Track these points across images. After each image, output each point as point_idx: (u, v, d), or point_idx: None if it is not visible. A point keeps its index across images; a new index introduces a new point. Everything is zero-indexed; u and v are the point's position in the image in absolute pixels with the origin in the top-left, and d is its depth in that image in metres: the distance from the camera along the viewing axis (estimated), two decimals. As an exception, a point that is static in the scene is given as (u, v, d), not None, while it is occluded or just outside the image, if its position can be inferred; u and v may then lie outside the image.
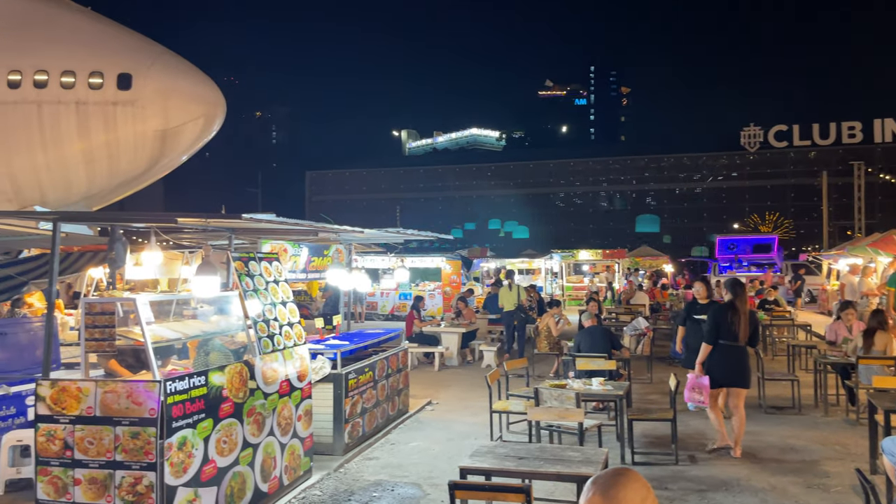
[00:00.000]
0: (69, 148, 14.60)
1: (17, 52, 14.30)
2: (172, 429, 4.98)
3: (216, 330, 6.37)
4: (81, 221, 6.39)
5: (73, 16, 15.57)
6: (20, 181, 14.67)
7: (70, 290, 15.08)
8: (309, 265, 9.05)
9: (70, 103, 14.36)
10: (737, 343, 7.45)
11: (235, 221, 5.77)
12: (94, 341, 5.20)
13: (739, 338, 7.43)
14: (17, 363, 8.26)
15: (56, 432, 5.02)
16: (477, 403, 10.09)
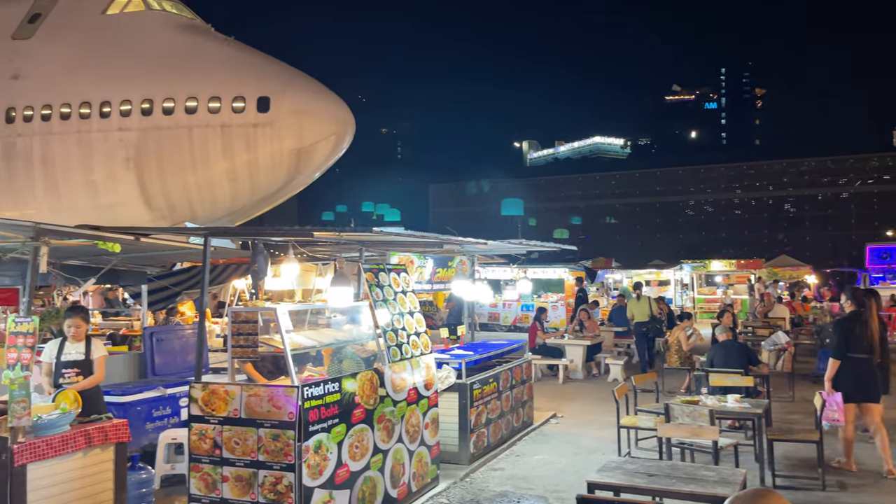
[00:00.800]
0: (215, 168, 15.78)
1: (170, 82, 15.67)
2: (309, 432, 5.24)
3: (348, 338, 6.66)
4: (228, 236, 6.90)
5: (217, 45, 16.85)
6: (173, 199, 16.01)
7: (215, 299, 16.23)
8: (434, 276, 9.25)
9: (216, 126, 15.53)
10: (867, 356, 6.95)
11: (366, 235, 6.02)
12: (240, 348, 5.59)
13: (872, 350, 6.93)
14: (172, 367, 9.01)
15: (207, 432, 5.43)
16: (603, 418, 9.87)
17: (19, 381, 5.27)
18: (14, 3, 17.61)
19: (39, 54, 16.30)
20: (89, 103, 15.60)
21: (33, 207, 16.01)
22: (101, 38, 16.40)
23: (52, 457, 5.35)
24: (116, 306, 15.13)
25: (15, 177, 15.96)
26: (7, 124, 15.85)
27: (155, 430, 7.58)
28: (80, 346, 6.45)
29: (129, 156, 15.62)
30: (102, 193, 15.92)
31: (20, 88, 15.98)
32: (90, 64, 16.04)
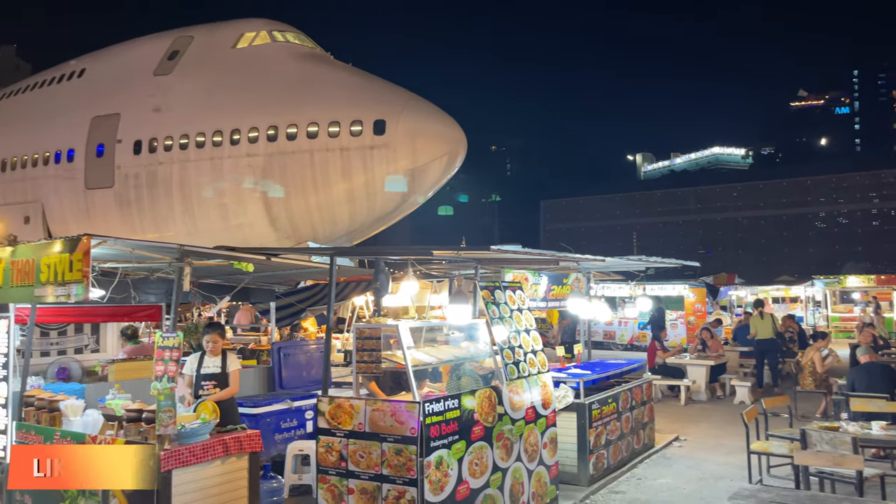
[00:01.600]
0: (335, 189, 16.44)
1: (293, 109, 16.52)
2: (430, 448, 5.32)
3: (466, 355, 6.71)
4: (352, 255, 7.17)
5: (335, 71, 17.62)
6: (296, 220, 16.80)
7: (335, 316, 16.86)
8: (549, 293, 9.17)
9: (336, 150, 16.20)
10: None
11: (484, 253, 6.07)
12: (364, 363, 5.77)
13: None
14: (298, 380, 9.43)
15: (333, 444, 5.63)
16: (730, 442, 9.38)
17: (166, 392, 5.68)
18: (156, 41, 19.21)
19: (178, 88, 17.66)
20: (221, 132, 16.71)
21: (172, 230, 17.29)
22: (231, 71, 17.57)
23: (194, 463, 5.72)
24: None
25: (156, 202, 17.31)
26: (150, 153, 17.25)
27: (283, 441, 7.94)
28: (217, 360, 6.88)
29: (257, 179, 16.56)
30: (232, 215, 16.95)
31: (161, 120, 17.37)
32: (222, 95, 17.20)
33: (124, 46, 20.21)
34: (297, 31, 18.84)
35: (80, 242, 5.66)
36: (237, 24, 18.65)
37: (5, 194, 19.63)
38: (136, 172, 17.37)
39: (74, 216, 18.21)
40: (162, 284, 8.65)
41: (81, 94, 19.25)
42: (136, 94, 17.95)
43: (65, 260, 5.82)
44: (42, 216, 18.76)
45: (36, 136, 19.31)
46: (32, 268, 6.15)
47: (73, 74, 20.10)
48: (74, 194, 18.15)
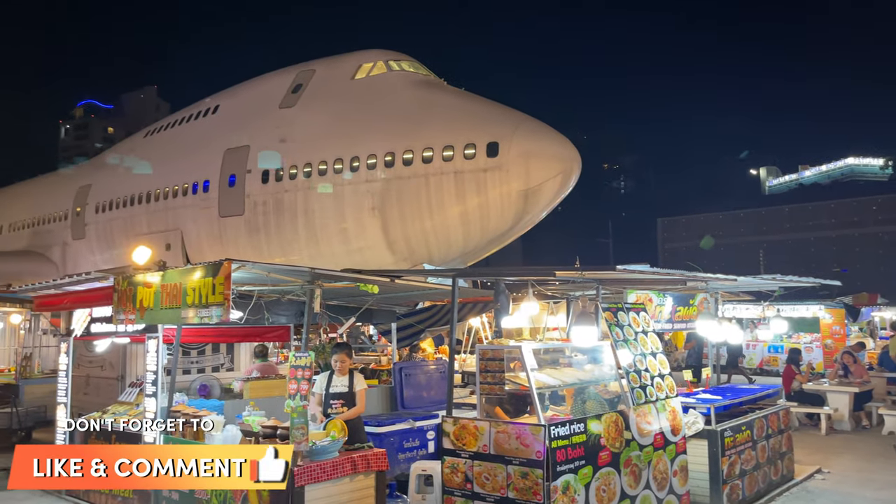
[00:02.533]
0: (449, 212, 16.67)
1: (409, 134, 16.96)
2: (557, 472, 5.23)
3: (590, 378, 6.58)
4: (474, 277, 7.23)
5: (449, 97, 17.95)
6: (413, 243, 17.16)
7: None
8: (675, 315, 8.83)
9: (450, 173, 16.45)
10: None
11: (608, 273, 5.94)
12: (487, 384, 5.77)
13: None
14: (418, 400, 9.56)
15: (458, 466, 5.65)
16: (882, 476, 8.62)
17: (299, 410, 5.93)
18: (281, 76, 20.36)
19: (301, 119, 18.59)
20: (341, 159, 17.40)
21: (296, 255, 18.11)
22: (350, 101, 18.31)
23: (325, 480, 5.91)
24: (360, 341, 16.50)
25: (283, 228, 18.22)
26: (276, 182, 18.22)
27: (406, 460, 8.05)
28: (344, 380, 7.10)
29: (375, 205, 17.08)
30: (353, 239, 17.55)
31: (286, 150, 18.32)
32: (342, 124, 17.94)
33: (253, 83, 21.54)
34: (412, 59, 19.38)
35: (221, 267, 6.04)
36: (356, 55, 19.44)
37: (150, 224, 21.32)
38: (264, 200, 18.37)
39: (209, 243, 19.48)
40: (291, 306, 9.06)
41: (215, 128, 20.67)
42: (264, 127, 19.06)
43: (208, 283, 6.23)
44: (181, 243, 20.20)
45: (176, 170, 20.89)
46: (179, 291, 6.62)
47: (208, 111, 21.64)
48: (209, 222, 19.43)
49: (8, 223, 29.73)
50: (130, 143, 26.47)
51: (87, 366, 11.95)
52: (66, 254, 25.45)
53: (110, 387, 11.20)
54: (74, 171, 29.60)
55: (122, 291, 7.47)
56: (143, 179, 22.22)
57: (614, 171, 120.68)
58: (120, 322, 7.79)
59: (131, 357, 11.09)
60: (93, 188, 24.75)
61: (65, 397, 9.10)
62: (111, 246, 23.06)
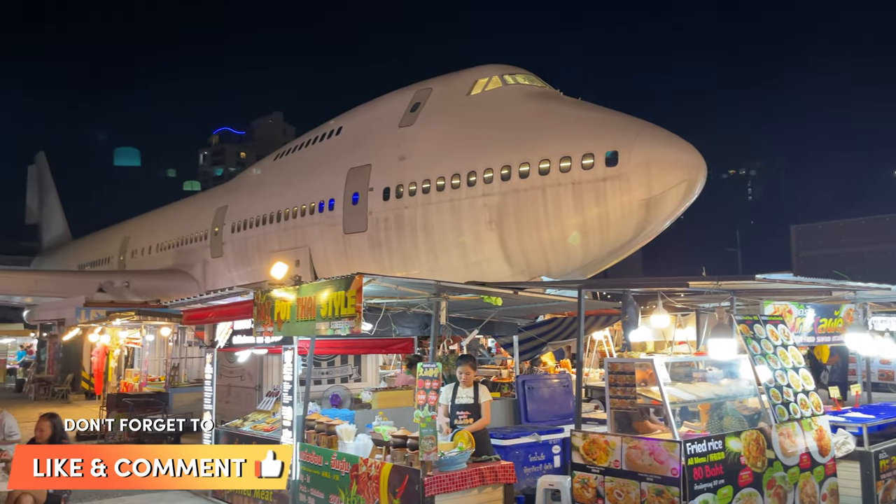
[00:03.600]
0: (567, 223, 16.48)
1: (525, 147, 16.95)
2: (694, 491, 5.02)
3: (727, 394, 6.27)
4: (600, 288, 7.11)
5: (565, 107, 17.81)
6: (530, 256, 17.09)
7: (569, 350, 16.74)
8: (818, 327, 8.26)
9: (567, 184, 16.27)
10: None
11: (746, 283, 5.66)
12: (618, 398, 5.64)
13: None
14: (542, 414, 9.48)
15: (589, 481, 5.55)
16: None
17: (428, 420, 6.04)
18: (399, 96, 21.00)
19: (419, 137, 19.07)
20: (459, 174, 17.66)
21: (416, 269, 18.52)
22: (467, 117, 18.58)
23: (454, 490, 5.98)
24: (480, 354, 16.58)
25: (403, 243, 18.71)
26: (397, 199, 18.75)
27: (531, 474, 8.00)
28: (469, 391, 7.18)
29: (492, 218, 17.18)
30: (470, 253, 17.73)
31: (406, 167, 18.83)
32: (459, 140, 18.23)
33: (373, 103, 22.36)
34: (527, 72, 19.41)
35: (353, 280, 6.29)
36: (471, 72, 19.72)
37: (281, 241, 22.53)
38: (386, 217, 18.95)
39: (335, 258, 20.31)
40: (416, 318, 9.26)
41: (339, 149, 21.60)
42: (384, 145, 19.71)
43: (340, 297, 6.50)
44: (309, 259, 21.19)
45: (303, 190, 21.99)
46: (313, 304, 6.94)
47: (332, 132, 22.66)
48: (335, 239, 20.28)
49: (156, 243, 32.35)
50: (262, 166, 28.16)
51: (227, 375, 12.77)
52: (206, 271, 27.34)
53: (249, 396, 11.90)
54: (212, 194, 31.81)
55: (262, 305, 7.93)
56: (273, 200, 23.56)
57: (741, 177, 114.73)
58: (259, 334, 8.27)
59: (267, 367, 11.74)
60: (229, 209, 26.49)
61: (210, 405, 9.75)
62: (246, 263, 24.56)
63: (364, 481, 6.59)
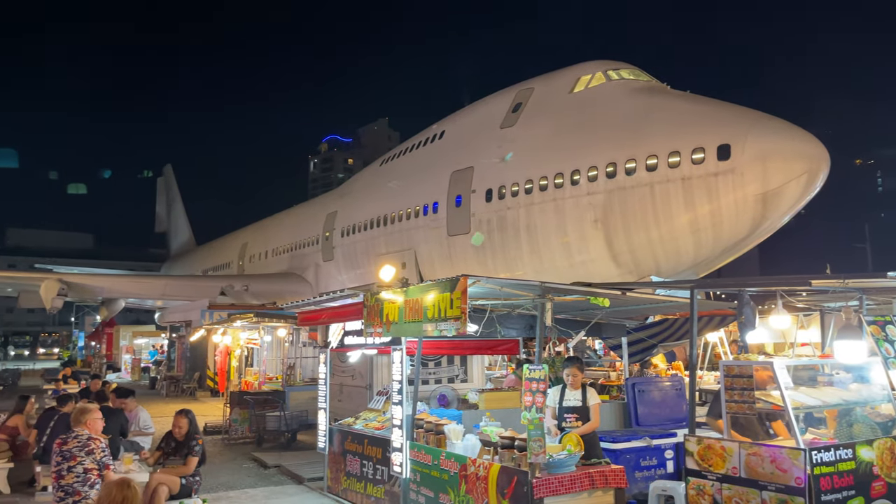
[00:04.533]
0: (677, 221, 15.91)
1: (631, 143, 16.52)
2: (822, 501, 4.74)
3: (857, 399, 5.87)
4: (713, 288, 6.84)
5: (672, 101, 17.20)
6: (638, 255, 16.64)
7: (684, 352, 16.16)
8: (962, 328, 7.56)
9: (676, 180, 15.72)
10: None
11: (876, 281, 5.28)
12: (735, 403, 5.41)
13: None
14: (653, 418, 9.22)
15: (704, 488, 5.35)
16: None
17: (535, 422, 6.02)
18: (501, 97, 21.02)
19: (521, 137, 19.01)
20: (562, 174, 17.45)
21: (520, 270, 18.47)
22: (569, 115, 18.34)
23: (563, 493, 5.93)
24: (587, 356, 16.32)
25: (506, 244, 18.70)
26: (499, 200, 18.77)
27: (643, 479, 7.80)
28: (577, 394, 7.09)
29: (597, 217, 16.86)
30: (575, 253, 17.47)
31: (508, 168, 18.83)
32: (562, 139, 18.03)
33: (474, 106, 22.51)
34: (632, 66, 18.94)
35: (458, 282, 6.37)
36: (573, 69, 19.46)
37: (387, 244, 23.12)
38: (489, 218, 19.01)
39: (439, 261, 20.60)
40: (521, 320, 9.25)
41: (442, 152, 21.90)
42: (486, 147, 19.79)
43: (446, 298, 6.59)
44: (415, 262, 21.61)
45: (408, 194, 22.46)
46: (420, 306, 7.08)
47: (435, 137, 23.00)
48: (439, 241, 20.57)
49: (272, 248, 33.99)
50: (369, 172, 29.00)
51: (340, 375, 13.23)
52: (318, 274, 28.46)
53: (360, 394, 12.27)
54: (322, 201, 33.06)
55: (371, 307, 8.18)
56: (380, 204, 24.21)
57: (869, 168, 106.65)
58: (369, 335, 8.52)
59: (377, 367, 12.07)
60: (338, 214, 27.45)
61: (324, 403, 10.14)
62: (355, 266, 25.37)
63: (473, 481, 6.65)
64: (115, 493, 3.76)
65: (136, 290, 35.29)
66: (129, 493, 3.79)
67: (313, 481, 10.38)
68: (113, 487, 3.79)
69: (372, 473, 8.64)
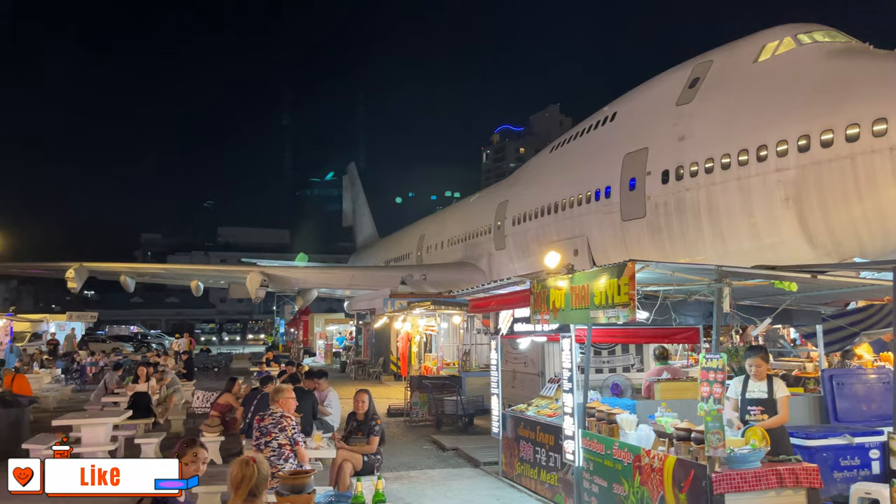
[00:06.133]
0: (885, 196, 14.19)
1: (826, 113, 14.94)
2: None
3: None
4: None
5: (877, 62, 15.31)
6: (838, 235, 15.05)
7: (895, 342, 14.39)
8: None
9: (883, 150, 14.01)
10: None
11: None
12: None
13: None
14: (856, 414, 8.33)
15: (914, 493, 4.77)
16: None
17: (713, 414, 5.69)
18: (675, 74, 19.94)
19: (700, 114, 17.90)
20: (746, 150, 16.20)
21: (701, 254, 17.44)
22: (754, 86, 16.97)
23: (746, 490, 5.56)
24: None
25: (685, 227, 17.74)
26: (677, 181, 17.83)
27: (843, 480, 7.10)
28: (762, 385, 6.60)
29: (788, 195, 15.48)
30: (763, 235, 16.17)
31: (686, 148, 17.82)
32: (745, 113, 16.73)
33: (647, 85, 21.56)
34: (826, 27, 17.15)
35: (625, 268, 6.17)
36: (757, 36, 17.99)
37: (559, 231, 22.91)
38: (665, 201, 18.16)
39: (613, 247, 20.04)
40: (699, 307, 8.78)
41: (614, 135, 21.25)
42: (661, 127, 18.89)
43: (613, 284, 6.42)
44: (587, 248, 21.22)
45: (579, 179, 22.07)
46: (587, 292, 6.96)
47: (606, 119, 22.36)
48: (612, 227, 20.01)
49: (447, 238, 35.06)
50: (538, 160, 28.89)
51: (512, 361, 13.38)
52: (491, 263, 28.91)
53: (532, 382, 12.34)
54: (493, 191, 33.48)
55: (538, 294, 8.17)
56: (550, 191, 24.04)
57: None
58: (537, 322, 8.52)
59: (549, 355, 12.05)
60: (509, 203, 27.65)
61: (496, 389, 10.31)
62: (527, 254, 25.44)
63: (647, 473, 6.44)
64: (236, 471, 3.97)
65: (326, 281, 38.11)
66: (248, 471, 3.97)
67: (489, 465, 10.60)
68: (235, 465, 4.01)
69: (545, 460, 8.66)
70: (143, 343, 47.22)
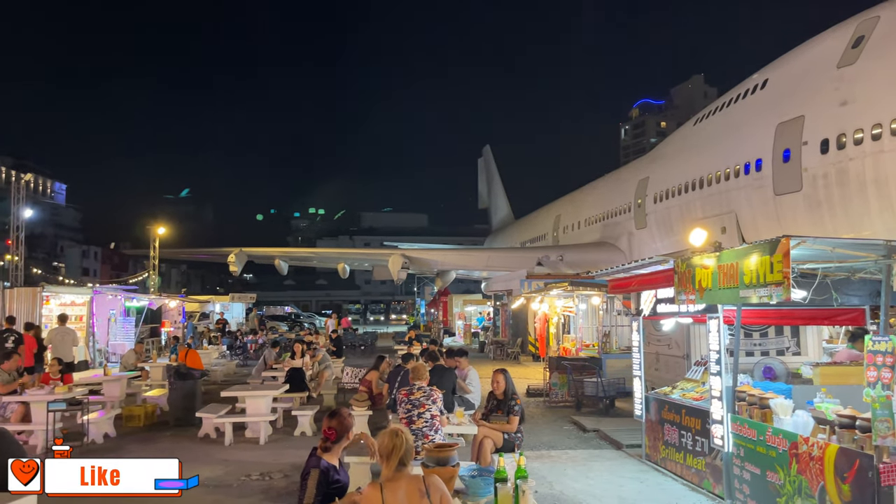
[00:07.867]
0: None
1: None
2: None
3: None
4: None
5: None
6: None
7: None
8: None
9: None
10: None
11: None
12: None
13: None
14: None
15: None
16: None
17: (881, 400, 5.27)
18: (835, 33, 18.23)
19: (865, 75, 16.28)
20: (921, 113, 14.62)
21: (868, 228, 15.94)
22: (930, 41, 15.24)
23: (920, 484, 5.11)
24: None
25: (848, 200, 16.27)
26: (838, 150, 16.37)
27: None
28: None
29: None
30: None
31: (848, 114, 16.30)
32: (920, 71, 15.07)
33: (801, 48, 19.89)
34: None
35: (779, 244, 5.82)
36: (935, -16, 16.11)
37: (704, 208, 21.81)
38: (825, 172, 16.76)
39: (765, 223, 18.80)
40: (864, 285, 8.10)
41: (764, 104, 19.83)
42: (819, 92, 17.41)
43: (765, 262, 6.07)
44: (736, 225, 20.05)
45: (726, 152, 20.85)
46: (736, 271, 6.63)
47: (756, 87, 20.90)
48: (763, 202, 18.76)
49: (584, 218, 34.43)
50: (681, 134, 27.57)
51: (655, 343, 12.99)
52: (631, 242, 28.09)
53: (677, 364, 11.93)
54: (633, 167, 32.39)
55: (682, 273, 7.87)
56: (694, 166, 22.91)
57: None
58: (681, 302, 8.22)
59: (694, 337, 11.59)
60: (650, 180, 26.67)
61: (639, 371, 10.08)
62: (670, 233, 24.45)
63: (805, 461, 6.07)
64: (387, 441, 4.12)
65: (464, 262, 38.72)
66: (398, 441, 4.09)
67: (631, 448, 10.42)
68: (385, 436, 4.17)
69: (691, 444, 8.38)
70: (297, 322, 50.45)
